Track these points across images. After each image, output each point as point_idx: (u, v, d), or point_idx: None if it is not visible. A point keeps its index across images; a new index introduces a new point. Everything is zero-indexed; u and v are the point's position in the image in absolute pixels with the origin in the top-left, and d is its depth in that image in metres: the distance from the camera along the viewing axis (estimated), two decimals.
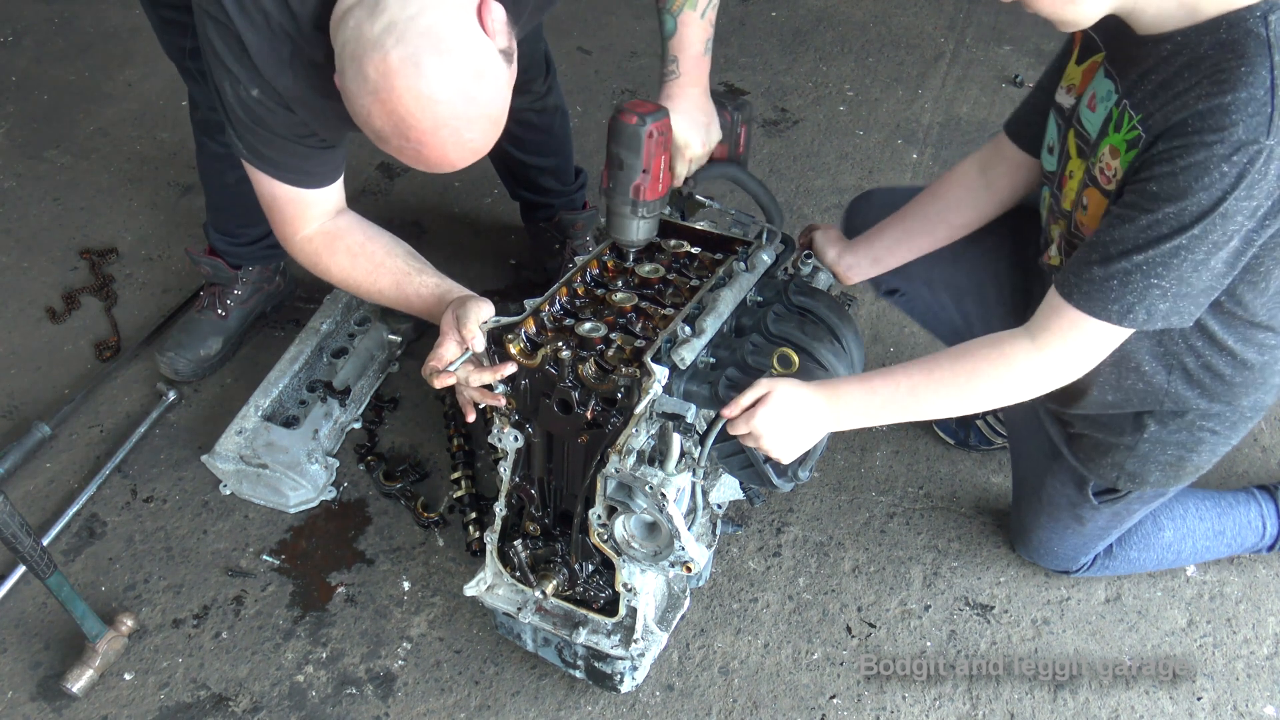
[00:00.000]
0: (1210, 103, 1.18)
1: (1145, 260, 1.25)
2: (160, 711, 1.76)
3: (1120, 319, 1.29)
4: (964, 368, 1.39)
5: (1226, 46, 1.20)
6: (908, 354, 2.34)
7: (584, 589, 1.63)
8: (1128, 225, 1.26)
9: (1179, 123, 1.21)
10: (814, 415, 1.41)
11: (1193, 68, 1.23)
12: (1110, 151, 1.34)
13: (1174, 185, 1.21)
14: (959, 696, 1.76)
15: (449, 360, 1.50)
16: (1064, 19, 1.28)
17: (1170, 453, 1.56)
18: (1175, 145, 1.21)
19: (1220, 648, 1.82)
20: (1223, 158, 1.17)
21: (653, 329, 1.55)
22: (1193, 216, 1.21)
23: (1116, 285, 1.27)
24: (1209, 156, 1.18)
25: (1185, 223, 1.21)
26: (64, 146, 3.04)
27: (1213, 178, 1.18)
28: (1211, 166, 1.18)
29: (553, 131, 2.32)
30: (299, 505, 2.06)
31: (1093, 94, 1.42)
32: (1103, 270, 1.28)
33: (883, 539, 2.00)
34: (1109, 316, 1.30)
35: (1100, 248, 1.29)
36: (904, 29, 3.49)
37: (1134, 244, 1.25)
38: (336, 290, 2.36)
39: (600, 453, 1.47)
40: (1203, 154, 1.18)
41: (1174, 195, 1.21)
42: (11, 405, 2.28)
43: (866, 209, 1.85)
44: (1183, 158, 1.20)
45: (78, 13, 3.60)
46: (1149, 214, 1.24)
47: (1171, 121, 1.22)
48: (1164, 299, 1.27)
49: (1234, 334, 1.42)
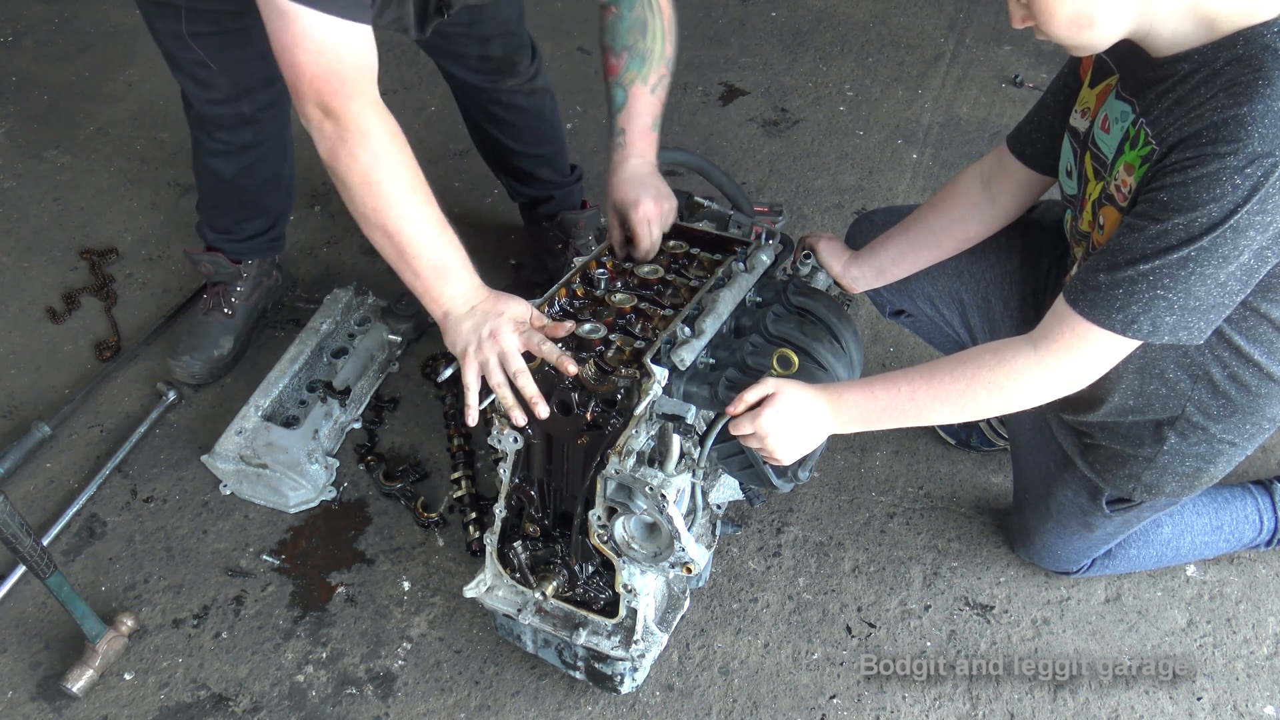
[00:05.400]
0: (1225, 114, 1.17)
1: (1151, 270, 1.24)
2: (160, 711, 1.76)
3: (1124, 329, 1.28)
4: (965, 375, 1.38)
5: (1243, 61, 1.19)
6: (907, 354, 2.34)
7: (584, 590, 1.63)
8: (1136, 234, 1.25)
9: (1193, 134, 1.20)
10: (817, 418, 1.41)
11: (1209, 83, 1.22)
12: (1125, 168, 1.33)
13: (1184, 196, 1.20)
14: (959, 696, 1.76)
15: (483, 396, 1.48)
16: (1079, 45, 1.27)
17: (1189, 464, 1.55)
18: (1188, 156, 1.20)
19: (1220, 648, 1.82)
20: (1235, 170, 1.16)
21: (652, 330, 1.55)
22: (1202, 228, 1.20)
23: (1122, 294, 1.26)
24: (1221, 168, 1.17)
25: (1194, 234, 1.20)
26: (64, 146, 3.04)
27: (1224, 190, 1.17)
28: (1224, 178, 1.17)
29: (544, 115, 2.32)
30: (299, 505, 2.06)
31: (1105, 116, 1.41)
32: (1109, 278, 1.27)
33: (883, 539, 2.00)
34: (1113, 326, 1.28)
35: (1108, 256, 1.28)
36: (904, 29, 3.49)
37: (1141, 253, 1.24)
38: (336, 290, 2.36)
39: (600, 454, 1.47)
40: (1215, 165, 1.17)
41: (1184, 206, 1.20)
42: (11, 405, 2.28)
43: (869, 229, 1.84)
44: (1195, 168, 1.19)
45: (78, 13, 3.60)
46: (1158, 224, 1.23)
47: (1186, 133, 1.21)
48: (1170, 311, 1.26)
49: (1260, 347, 1.40)
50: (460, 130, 2.81)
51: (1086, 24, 1.23)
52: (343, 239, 2.70)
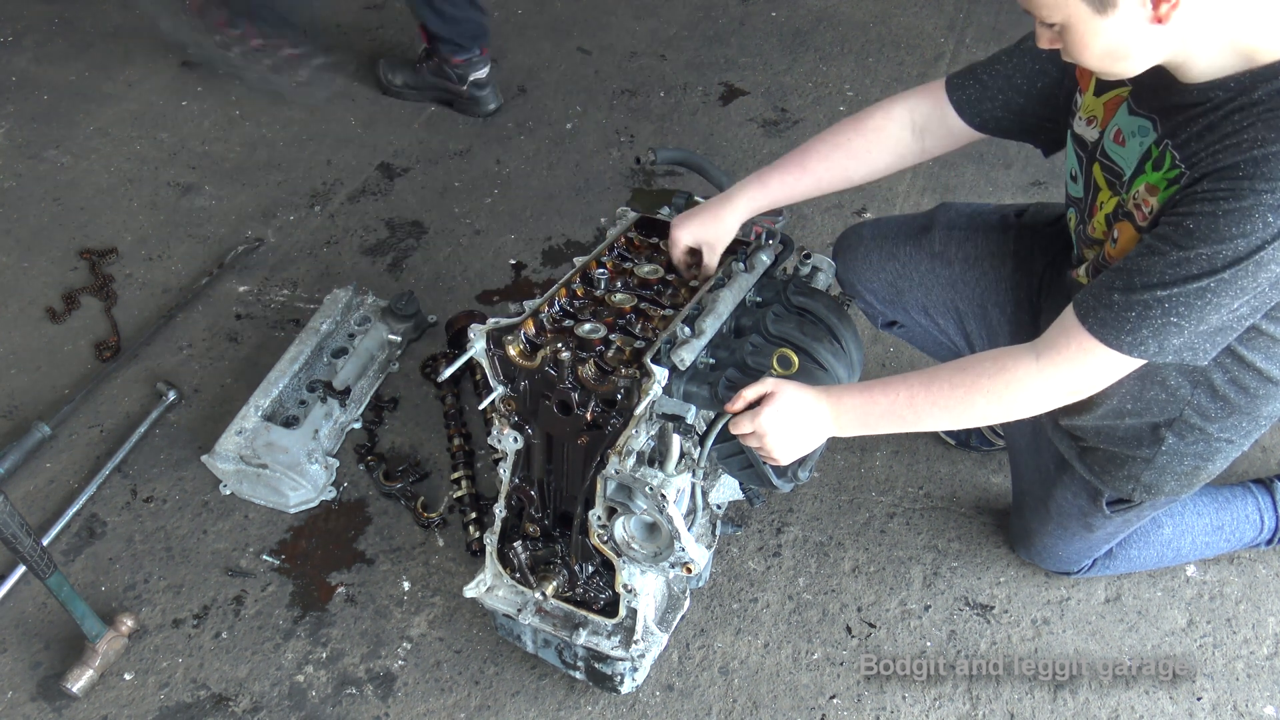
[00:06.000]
0: (1266, 150, 1.15)
1: (1169, 297, 1.23)
2: (160, 711, 1.76)
3: (1131, 350, 1.27)
4: (964, 382, 1.37)
5: None
6: (907, 355, 2.34)
7: (584, 590, 1.63)
8: (1157, 258, 1.24)
9: (1229, 165, 1.18)
10: (816, 419, 1.41)
11: (1244, 111, 1.20)
12: (1148, 189, 1.32)
13: (1213, 227, 1.18)
14: (959, 696, 1.76)
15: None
16: (1110, 73, 1.26)
17: (1187, 463, 1.55)
18: (1222, 187, 1.18)
19: (1220, 648, 1.82)
20: (1270, 208, 1.15)
21: (652, 330, 1.55)
22: (1225, 261, 1.19)
23: (1134, 317, 1.25)
24: (1256, 204, 1.15)
25: (1217, 266, 1.19)
26: (64, 146, 3.04)
27: (1255, 225, 1.16)
28: (1256, 215, 1.16)
29: None
30: (299, 505, 2.06)
31: (1119, 130, 1.39)
32: (1123, 299, 1.26)
33: (883, 539, 2.00)
34: (1120, 346, 1.27)
35: (1125, 275, 1.27)
36: (904, 29, 3.48)
37: (1160, 279, 1.23)
38: (336, 290, 2.36)
39: (600, 454, 1.47)
40: (1250, 200, 1.16)
41: (1211, 237, 1.19)
42: (11, 405, 2.28)
43: (858, 243, 1.82)
44: (1228, 201, 1.17)
45: (78, 13, 3.60)
46: (1181, 251, 1.21)
47: (1221, 164, 1.19)
48: (1179, 335, 1.25)
49: (1260, 353, 1.40)
50: (460, 130, 2.83)
51: (1122, 56, 1.22)
52: (343, 239, 2.70)
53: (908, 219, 1.82)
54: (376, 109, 3.17)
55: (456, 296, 2.54)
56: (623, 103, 3.18)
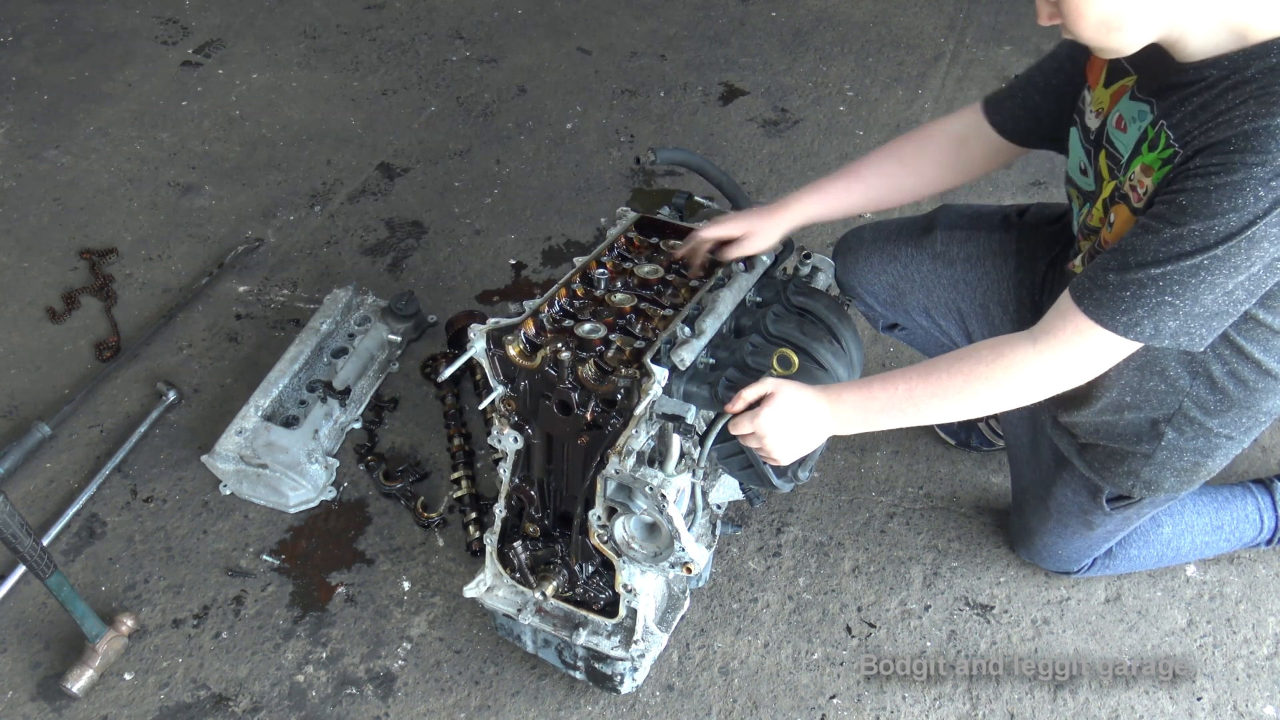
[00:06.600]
0: (1256, 124, 1.16)
1: (1163, 275, 1.23)
2: (160, 711, 1.76)
3: (1126, 331, 1.27)
4: (962, 370, 1.38)
5: (1275, 71, 1.18)
6: (908, 354, 2.34)
7: (584, 590, 1.63)
8: (1151, 237, 1.24)
9: (1220, 141, 1.19)
10: (816, 418, 1.41)
11: (1237, 89, 1.20)
12: (1143, 169, 1.33)
13: (1205, 202, 1.19)
14: (959, 696, 1.76)
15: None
16: (1106, 47, 1.27)
17: (1187, 459, 1.55)
18: (1213, 163, 1.19)
19: (1220, 648, 1.82)
20: (1261, 181, 1.15)
21: (652, 330, 1.55)
22: (1218, 237, 1.19)
23: (1129, 297, 1.26)
24: (1246, 178, 1.16)
25: (1210, 242, 1.19)
26: (64, 146, 3.04)
27: (1246, 200, 1.16)
28: (1247, 189, 1.16)
29: None
30: (299, 505, 2.06)
31: (1120, 115, 1.40)
32: (1118, 278, 1.26)
33: (883, 539, 2.00)
34: (1115, 327, 1.28)
35: (1119, 255, 1.27)
36: (904, 29, 3.49)
37: (1154, 257, 1.23)
38: (336, 290, 2.36)
39: (600, 454, 1.47)
40: (1240, 174, 1.16)
41: (1203, 213, 1.19)
42: (11, 405, 2.28)
43: (858, 245, 1.83)
44: (1219, 176, 1.18)
45: (78, 13, 3.60)
46: (1174, 228, 1.22)
47: (1212, 139, 1.20)
48: (1174, 317, 1.25)
49: (1259, 345, 1.40)
50: (460, 130, 2.83)
51: (1116, 27, 1.22)
52: (343, 239, 2.70)
53: (908, 221, 1.82)
54: (376, 109, 3.17)
55: (456, 296, 2.54)
56: (623, 103, 3.18)
